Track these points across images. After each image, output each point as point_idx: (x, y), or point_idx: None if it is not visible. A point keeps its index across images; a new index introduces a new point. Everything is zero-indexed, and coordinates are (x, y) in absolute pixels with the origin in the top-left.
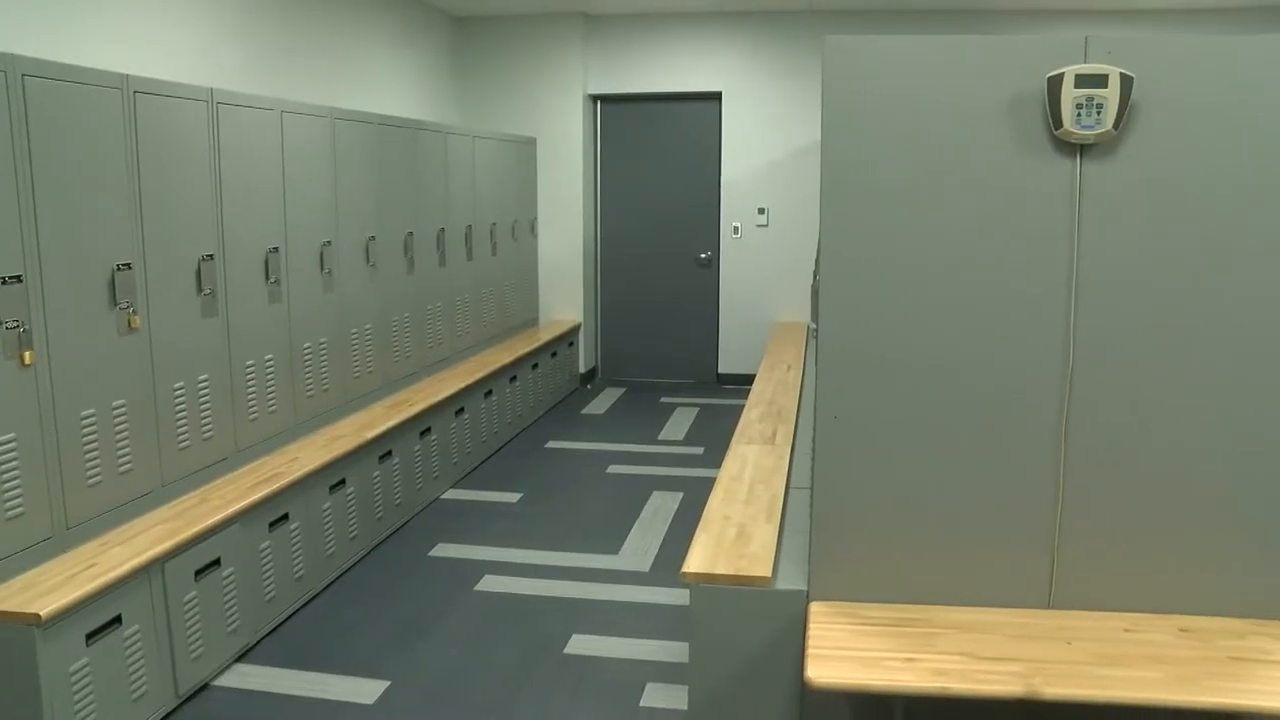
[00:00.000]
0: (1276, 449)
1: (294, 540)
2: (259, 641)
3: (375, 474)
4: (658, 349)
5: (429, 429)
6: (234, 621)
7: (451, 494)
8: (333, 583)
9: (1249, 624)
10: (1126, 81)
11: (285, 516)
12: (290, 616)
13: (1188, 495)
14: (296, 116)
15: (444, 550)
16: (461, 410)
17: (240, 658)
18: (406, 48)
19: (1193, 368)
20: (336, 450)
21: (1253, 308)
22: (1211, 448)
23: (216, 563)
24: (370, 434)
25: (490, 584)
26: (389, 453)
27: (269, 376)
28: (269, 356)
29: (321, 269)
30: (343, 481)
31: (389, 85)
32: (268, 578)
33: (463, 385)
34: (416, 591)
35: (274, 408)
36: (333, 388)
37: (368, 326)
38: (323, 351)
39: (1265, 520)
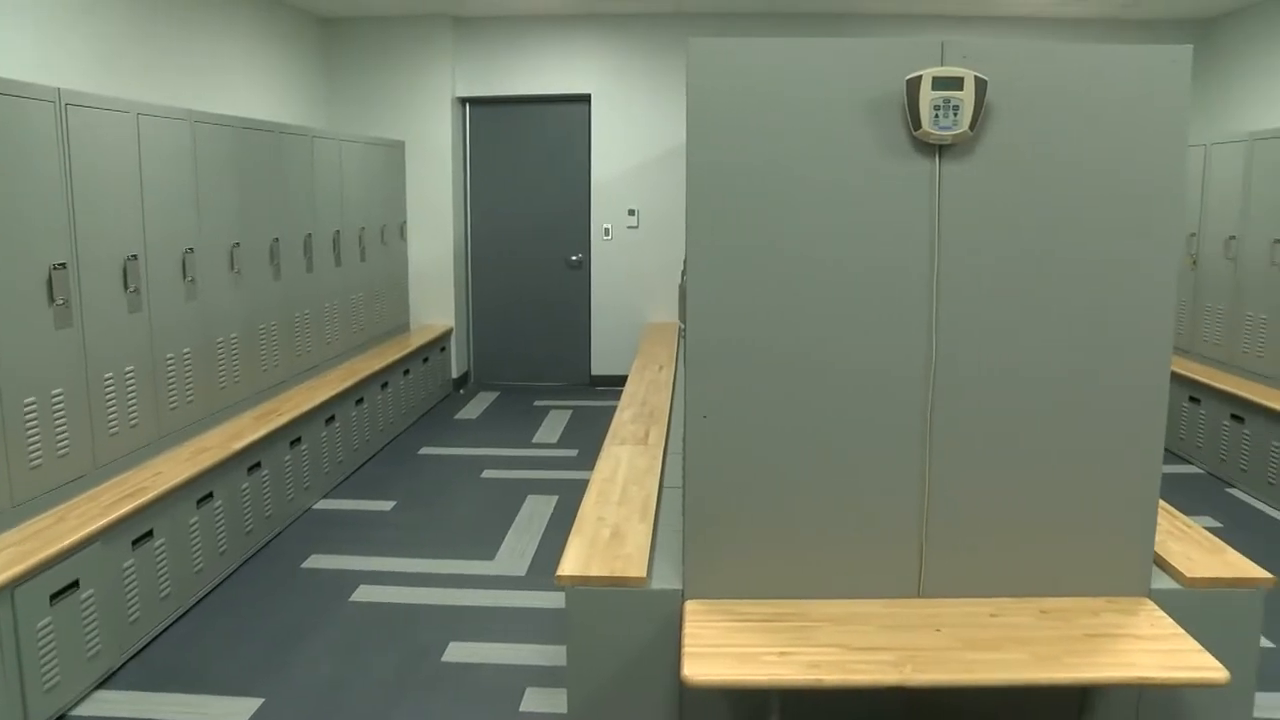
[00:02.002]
0: (1124, 438)
1: (159, 557)
2: (123, 665)
3: (244, 486)
4: (530, 352)
5: (299, 439)
6: (94, 646)
7: (324, 504)
8: (202, 600)
9: (1103, 602)
10: (981, 84)
11: (149, 533)
12: (157, 637)
13: (1044, 484)
14: (154, 119)
15: (317, 561)
16: (332, 419)
17: (102, 684)
18: (271, 49)
19: (1045, 359)
20: (203, 463)
21: (1100, 301)
22: (1065, 437)
23: (75, 585)
24: (238, 445)
25: (365, 594)
26: (258, 464)
27: (129, 389)
28: (129, 368)
29: (184, 277)
30: (210, 495)
31: (253, 87)
32: (131, 598)
33: (333, 393)
34: (289, 605)
35: (135, 421)
36: (198, 399)
37: (234, 335)
38: (187, 362)
39: (1115, 505)
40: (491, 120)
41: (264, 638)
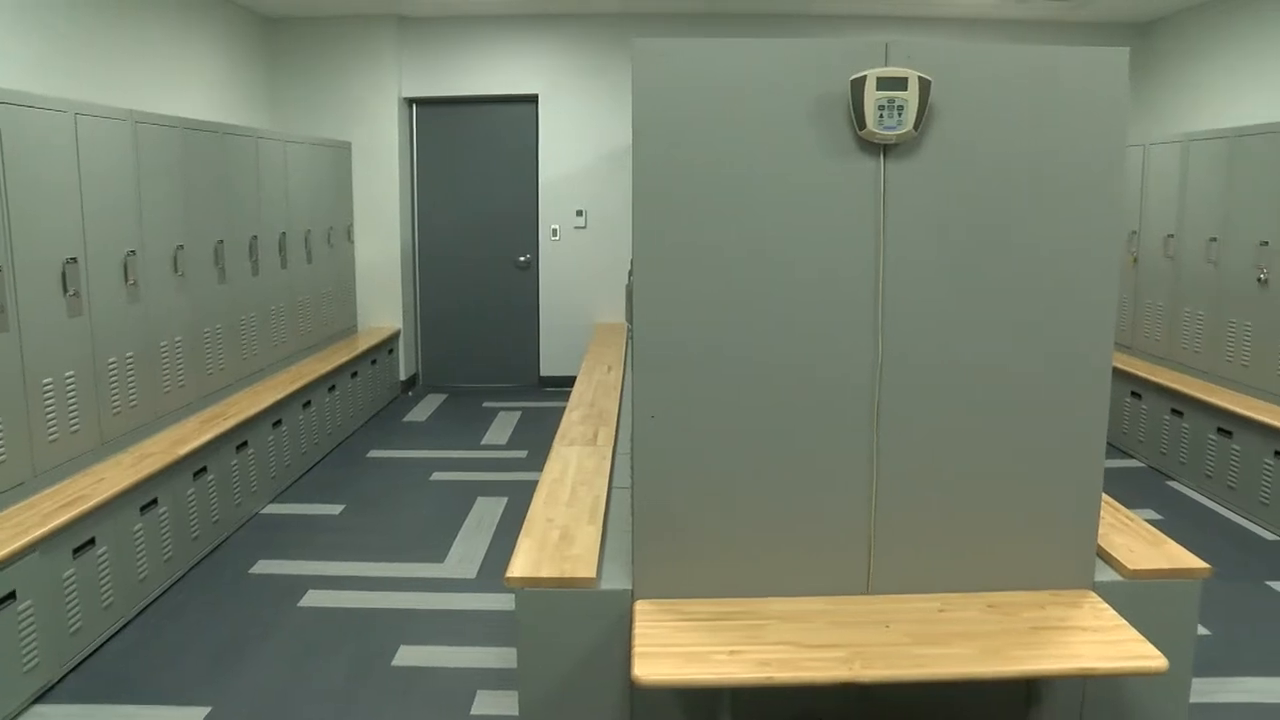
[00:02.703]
0: (1067, 434)
1: (101, 566)
2: (63, 678)
3: (190, 492)
4: (479, 354)
5: (245, 443)
6: (32, 659)
7: (271, 509)
8: (146, 608)
9: (1047, 595)
10: (925, 84)
11: (91, 541)
12: (99, 648)
13: (990, 480)
14: (92, 119)
15: (265, 567)
16: (279, 422)
17: (39, 698)
18: (214, 49)
19: (989, 356)
20: (147, 469)
21: (1043, 299)
22: (1009, 433)
23: (11, 596)
24: (183, 450)
25: (314, 599)
26: (204, 469)
27: (69, 394)
28: (69, 373)
29: (126, 280)
30: (155, 501)
31: (196, 87)
32: (72, 608)
33: (280, 396)
34: (237, 611)
35: (76, 427)
36: (141, 403)
37: (178, 339)
38: (129, 366)
39: (1059, 500)
40: (438, 121)
41: (211, 645)
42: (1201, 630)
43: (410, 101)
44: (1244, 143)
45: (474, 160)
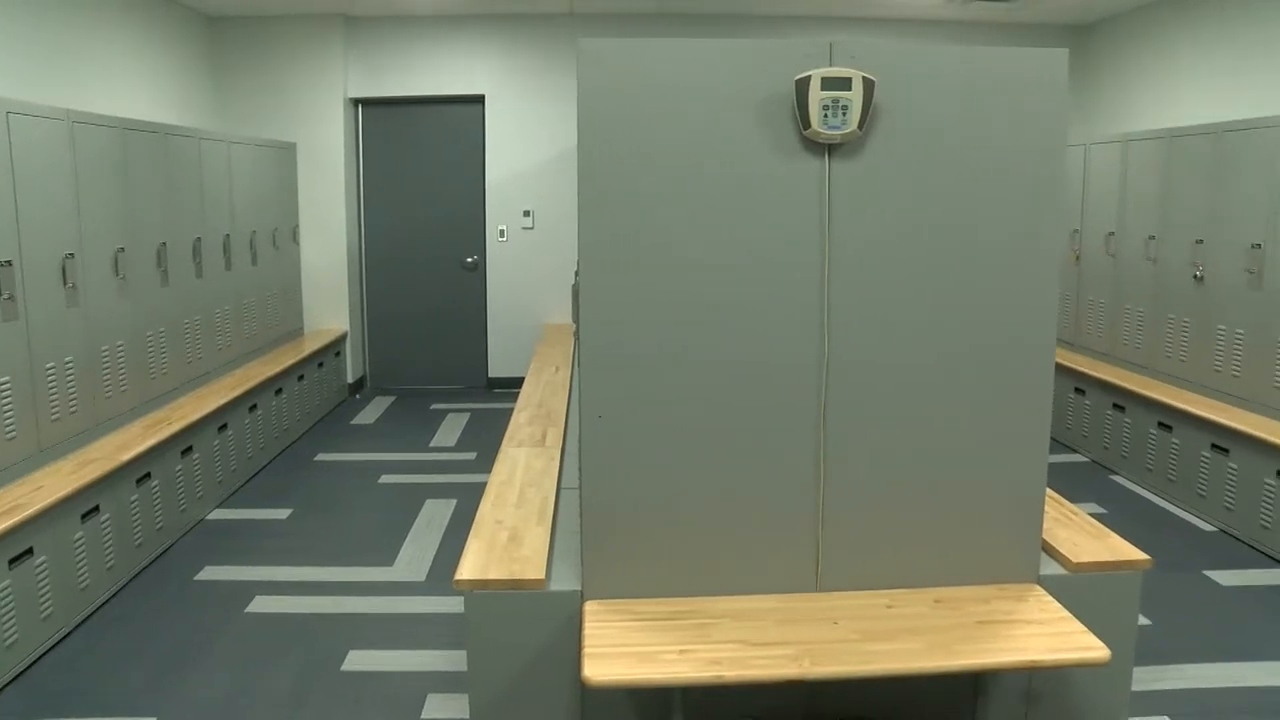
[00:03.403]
0: (1011, 430)
1: (40, 576)
2: None
3: (133, 498)
4: (427, 355)
5: (190, 447)
6: None
7: (218, 514)
8: (88, 618)
9: (994, 589)
10: (869, 85)
11: (29, 551)
12: (38, 660)
13: (936, 476)
14: (26, 119)
15: (211, 573)
16: (225, 426)
17: None
18: (155, 48)
19: (934, 353)
20: (88, 475)
21: (986, 296)
22: (954, 430)
23: None
24: (126, 456)
25: (262, 605)
26: (148, 474)
27: (5, 401)
28: (4, 379)
29: (64, 283)
30: (96, 508)
31: (136, 87)
32: (8, 620)
33: (225, 400)
34: (182, 619)
35: (12, 434)
36: (82, 409)
37: (120, 343)
38: (69, 371)
39: (1004, 495)
40: (385, 121)
41: (156, 655)
42: (1143, 620)
43: (356, 102)
44: (1180, 143)
45: (421, 161)
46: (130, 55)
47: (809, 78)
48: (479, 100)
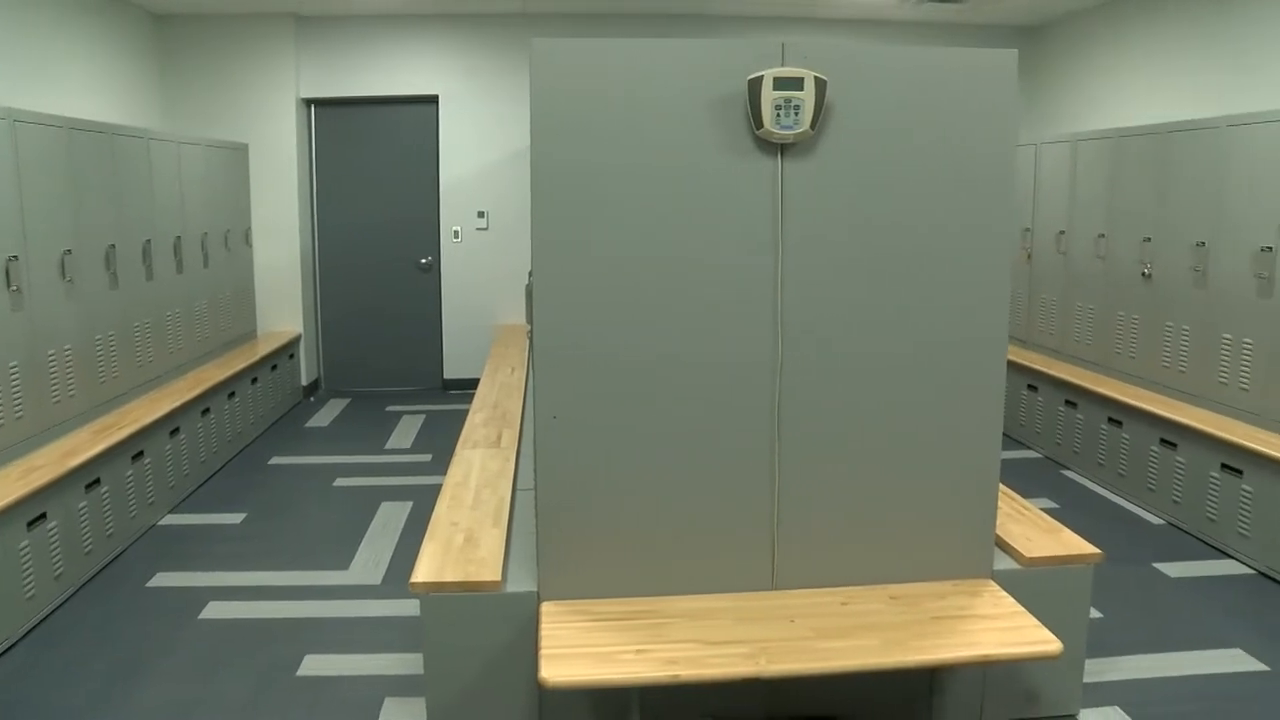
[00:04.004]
0: (964, 427)
1: None
2: None
3: (81, 505)
4: (382, 357)
5: (141, 452)
6: None
7: (170, 519)
8: (34, 629)
9: (948, 585)
10: (821, 84)
11: None
12: None
13: (890, 474)
14: None
15: (164, 580)
16: (177, 430)
17: None
18: (101, 47)
19: (887, 352)
20: (35, 482)
21: (938, 294)
22: (908, 428)
23: None
24: (74, 462)
25: (215, 611)
26: (97, 480)
27: None
28: None
29: (8, 286)
30: (43, 515)
31: (82, 86)
32: None
33: (177, 404)
34: (134, 627)
35: None
36: (28, 415)
37: (67, 347)
38: (14, 376)
39: (957, 492)
40: (338, 122)
41: (106, 664)
42: (1094, 613)
43: (309, 102)
44: (1127, 143)
45: (374, 162)
46: (74, 54)
47: (761, 77)
48: (433, 100)
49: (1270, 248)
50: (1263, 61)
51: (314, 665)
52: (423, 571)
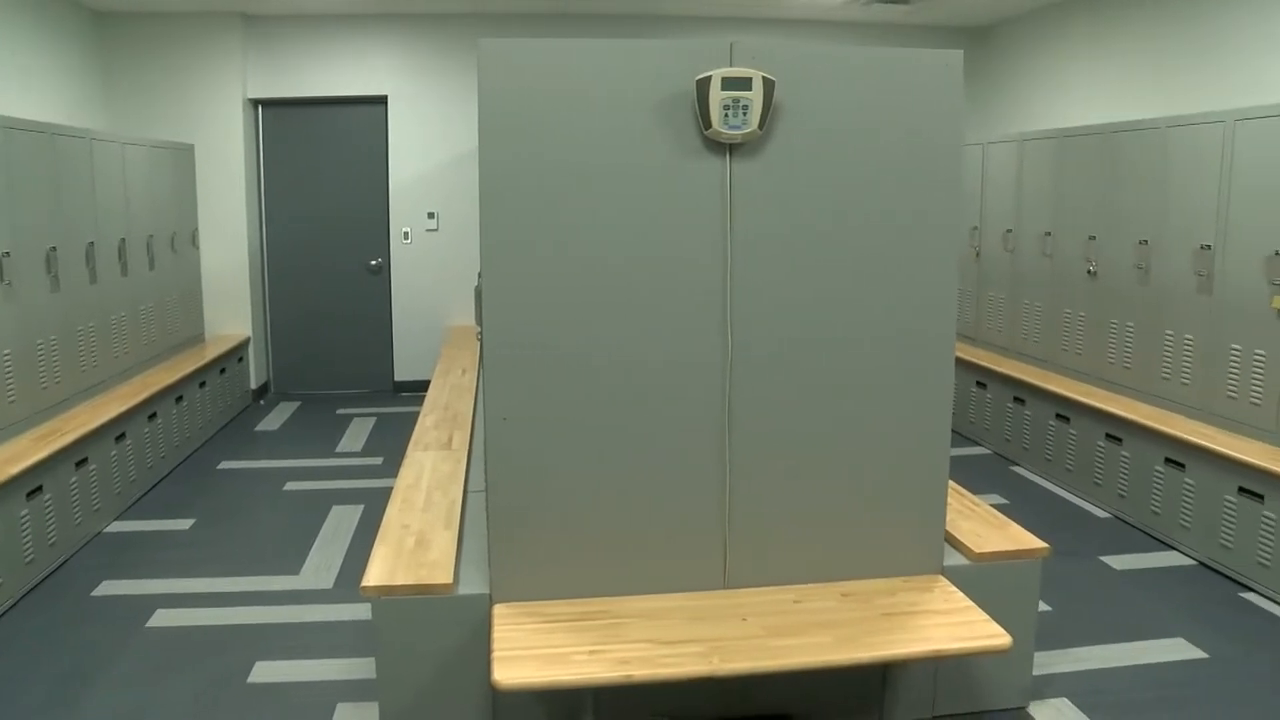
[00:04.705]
0: (913, 424)
1: None
2: None
3: (23, 513)
4: (332, 360)
5: (86, 459)
6: None
7: (116, 526)
8: None
9: (899, 581)
10: (769, 85)
11: None
12: None
13: (840, 471)
14: None
15: (109, 588)
16: (123, 436)
17: None
18: (38, 45)
19: (836, 350)
20: None
21: (887, 292)
22: (857, 426)
23: None
24: (14, 469)
25: (163, 619)
26: (39, 488)
27: None
28: None
29: None
30: None
31: (19, 85)
32: None
33: (123, 409)
34: (78, 637)
35: None
36: None
37: (6, 352)
38: None
39: (907, 489)
40: (286, 122)
41: (49, 676)
42: (1043, 606)
43: (256, 103)
44: (1072, 142)
45: (323, 163)
46: (10, 51)
47: (710, 78)
48: (381, 101)
49: (1209, 245)
50: (1203, 63)
51: (264, 672)
52: (374, 575)
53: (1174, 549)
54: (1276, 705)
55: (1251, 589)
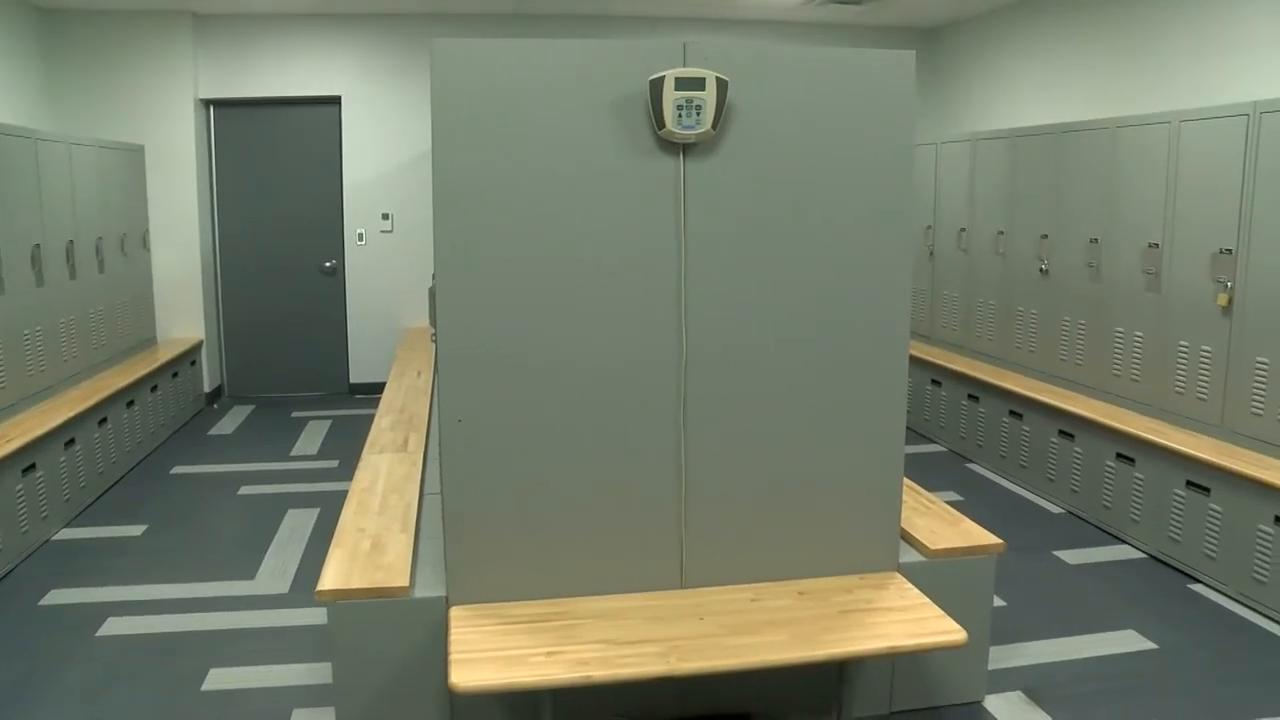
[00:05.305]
0: (868, 422)
1: None
2: None
3: None
4: (287, 362)
5: (33, 465)
6: None
7: (65, 534)
8: None
9: (855, 579)
10: (722, 85)
11: None
12: None
13: (795, 470)
14: None
15: (58, 597)
16: (72, 441)
17: None
18: None
19: (791, 349)
20: None
21: (841, 291)
22: (813, 424)
23: None
24: None
25: (115, 627)
26: None
27: None
28: None
29: None
30: None
31: None
32: None
33: (72, 414)
34: (26, 648)
35: None
36: None
37: None
38: None
39: (863, 486)
40: (238, 123)
41: None
42: (997, 601)
43: (208, 103)
44: (1024, 142)
45: (276, 164)
46: None
47: (663, 78)
48: (335, 101)
49: (1157, 244)
50: (1151, 64)
51: (219, 679)
52: (329, 579)
53: (1125, 543)
54: (1223, 693)
55: (1199, 580)
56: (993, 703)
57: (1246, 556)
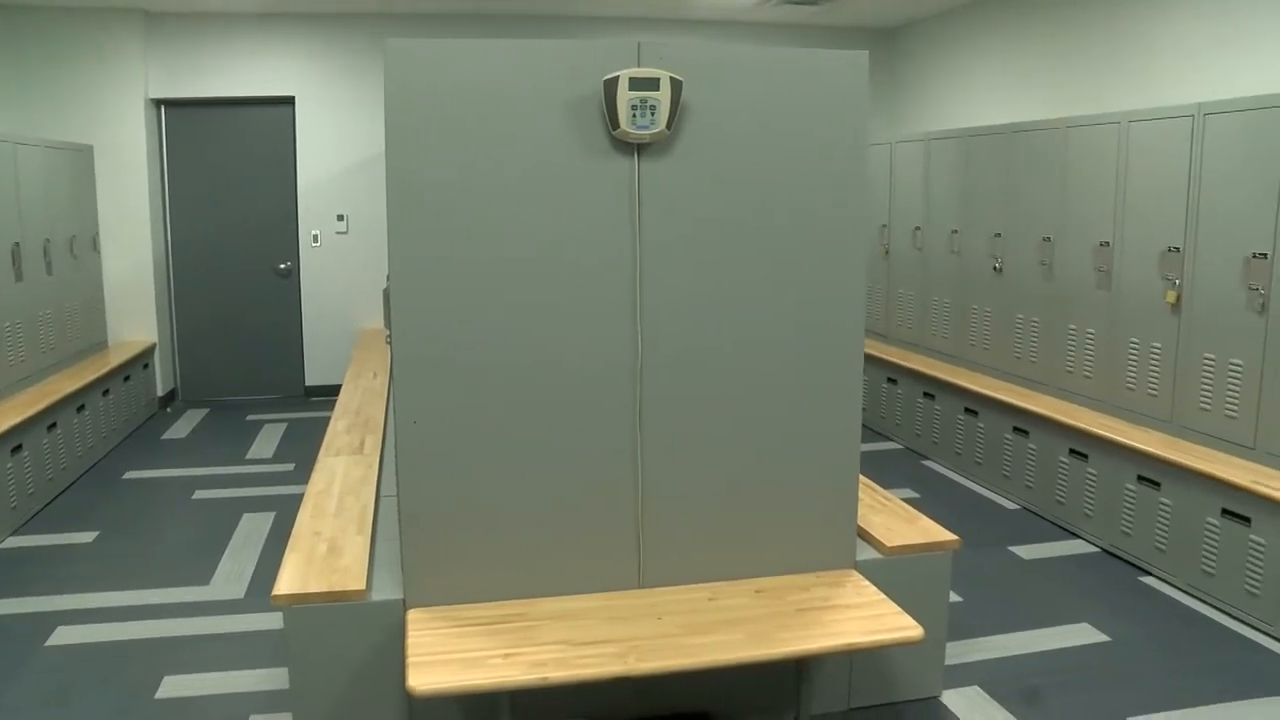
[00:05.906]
0: (823, 421)
1: None
2: None
3: None
4: (241, 365)
5: None
6: None
7: (12, 541)
8: None
9: (812, 577)
10: (677, 85)
11: None
12: None
13: (752, 469)
14: None
15: (4, 606)
16: (19, 447)
17: None
18: None
19: (746, 348)
20: None
21: (796, 290)
22: (768, 423)
23: None
24: None
25: (64, 636)
26: None
27: None
28: None
29: None
30: None
31: None
32: None
33: (19, 419)
34: None
35: None
36: None
37: None
38: None
39: (819, 484)
40: (190, 123)
41: None
42: (954, 597)
43: (159, 103)
44: (976, 142)
45: (229, 164)
46: None
47: (617, 78)
48: (289, 101)
49: (1108, 242)
50: (1101, 66)
51: (174, 686)
52: (285, 583)
53: (1079, 537)
54: (1174, 684)
55: (1150, 573)
56: (950, 698)
57: (1195, 549)
